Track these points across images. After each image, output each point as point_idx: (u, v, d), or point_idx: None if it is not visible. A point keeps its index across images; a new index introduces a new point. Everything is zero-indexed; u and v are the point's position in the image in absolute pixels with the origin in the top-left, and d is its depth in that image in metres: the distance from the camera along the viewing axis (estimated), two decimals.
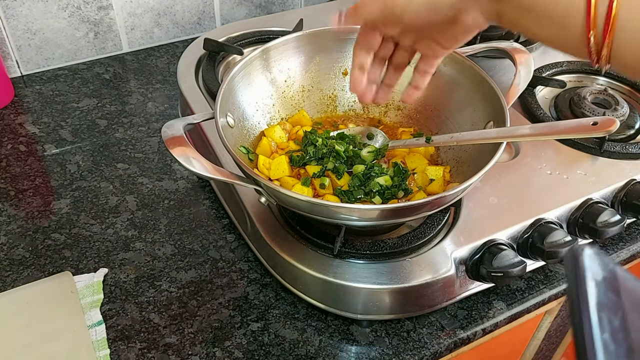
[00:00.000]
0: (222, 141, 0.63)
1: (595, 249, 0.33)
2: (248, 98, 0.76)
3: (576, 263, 0.32)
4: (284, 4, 1.21)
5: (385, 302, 0.67)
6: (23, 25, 1.00)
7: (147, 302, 0.71)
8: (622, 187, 0.79)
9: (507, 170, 0.80)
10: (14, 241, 0.77)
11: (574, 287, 0.32)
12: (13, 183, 0.85)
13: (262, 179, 0.60)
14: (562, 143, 0.85)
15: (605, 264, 0.32)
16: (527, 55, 0.77)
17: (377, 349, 0.68)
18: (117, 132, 0.94)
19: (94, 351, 0.65)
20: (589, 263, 0.32)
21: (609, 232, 0.73)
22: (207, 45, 0.95)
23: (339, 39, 0.81)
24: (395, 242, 0.69)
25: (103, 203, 0.83)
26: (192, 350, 0.66)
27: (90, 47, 1.08)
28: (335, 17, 0.63)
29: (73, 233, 0.78)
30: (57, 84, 1.03)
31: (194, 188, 0.85)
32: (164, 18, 1.11)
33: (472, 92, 0.75)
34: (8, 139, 0.92)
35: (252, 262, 0.76)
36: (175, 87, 1.02)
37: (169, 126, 0.64)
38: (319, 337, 0.68)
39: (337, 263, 0.67)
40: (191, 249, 0.77)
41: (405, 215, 0.64)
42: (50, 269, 0.74)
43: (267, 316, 0.70)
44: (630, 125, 0.89)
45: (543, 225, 0.72)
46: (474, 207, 0.74)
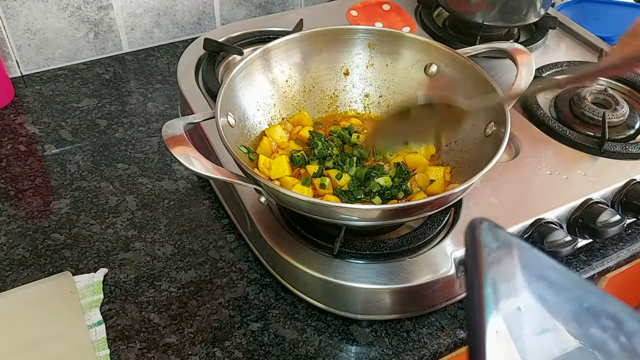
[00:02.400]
0: (222, 141, 0.63)
1: (492, 223, 0.36)
2: (249, 98, 0.76)
3: (473, 234, 0.36)
4: (284, 4, 1.21)
5: (385, 302, 0.67)
6: (23, 25, 1.00)
7: (147, 302, 0.71)
8: (622, 187, 0.79)
9: (507, 170, 0.80)
10: (14, 241, 0.77)
11: (470, 254, 0.35)
12: (13, 183, 0.85)
13: (262, 179, 0.60)
14: (562, 143, 0.85)
15: (499, 234, 0.36)
16: (529, 56, 0.77)
17: (377, 349, 0.68)
18: (117, 132, 0.94)
19: (94, 351, 0.65)
20: (485, 234, 0.36)
21: (609, 232, 0.73)
22: (207, 46, 0.95)
23: (339, 39, 0.81)
24: (395, 242, 0.69)
25: (103, 203, 0.83)
26: (192, 350, 0.66)
27: (90, 47, 1.08)
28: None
29: (73, 233, 0.78)
30: (57, 84, 1.03)
31: (194, 188, 0.85)
32: (164, 18, 1.11)
33: (473, 92, 0.75)
34: (8, 139, 0.92)
35: (252, 262, 0.76)
36: (175, 87, 1.02)
37: (169, 125, 0.64)
38: (319, 337, 0.68)
39: (337, 263, 0.67)
40: (191, 249, 0.77)
41: (405, 216, 0.64)
42: (50, 269, 0.74)
43: (267, 316, 0.70)
44: (630, 125, 0.89)
45: (543, 225, 0.72)
46: (474, 208, 0.74)
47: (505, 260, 0.36)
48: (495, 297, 0.34)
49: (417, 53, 0.80)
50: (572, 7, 1.23)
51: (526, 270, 0.37)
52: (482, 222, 0.36)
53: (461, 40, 1.03)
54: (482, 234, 0.36)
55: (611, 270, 0.80)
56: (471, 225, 0.36)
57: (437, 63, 0.79)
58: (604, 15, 1.20)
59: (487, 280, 0.34)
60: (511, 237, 0.37)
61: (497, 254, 0.35)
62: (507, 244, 0.36)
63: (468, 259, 0.36)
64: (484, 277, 0.34)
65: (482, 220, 0.36)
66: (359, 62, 0.83)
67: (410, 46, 0.80)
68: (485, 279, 0.34)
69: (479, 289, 0.33)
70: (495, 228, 0.36)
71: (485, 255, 0.35)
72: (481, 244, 0.35)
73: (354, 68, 0.83)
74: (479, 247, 0.35)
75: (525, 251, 0.38)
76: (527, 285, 0.37)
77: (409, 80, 0.82)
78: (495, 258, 0.35)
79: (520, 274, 0.36)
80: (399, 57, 0.81)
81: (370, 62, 0.82)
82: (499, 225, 0.37)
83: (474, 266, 0.35)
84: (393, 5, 1.13)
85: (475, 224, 0.36)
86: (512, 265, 0.36)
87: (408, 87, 0.82)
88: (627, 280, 0.93)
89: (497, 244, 0.36)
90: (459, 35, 1.06)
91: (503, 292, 0.35)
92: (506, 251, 0.36)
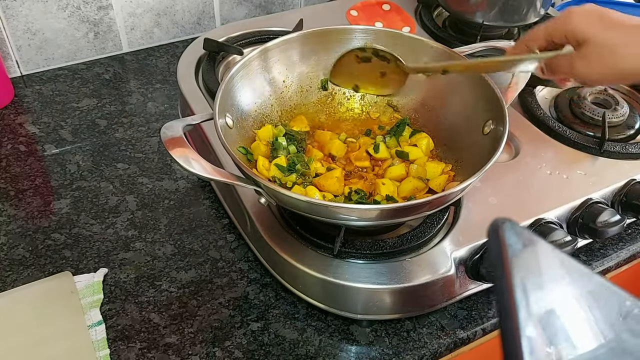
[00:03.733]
0: (221, 142, 0.63)
1: (514, 222, 0.35)
2: (247, 98, 0.76)
3: (496, 235, 0.34)
4: (284, 4, 1.21)
5: (385, 302, 0.67)
6: (23, 25, 1.00)
7: (147, 302, 0.71)
8: (622, 187, 0.79)
9: (507, 170, 0.80)
10: (14, 241, 0.77)
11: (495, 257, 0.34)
12: (13, 183, 0.85)
13: (262, 180, 0.60)
14: (562, 143, 0.85)
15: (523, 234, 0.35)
16: None
17: (377, 349, 0.68)
18: (117, 132, 0.94)
19: (94, 351, 0.65)
20: (509, 234, 0.34)
21: (609, 232, 0.73)
22: (207, 45, 0.95)
23: (338, 39, 0.81)
24: (395, 242, 0.69)
25: (103, 203, 0.83)
26: (192, 350, 0.66)
27: (90, 47, 1.08)
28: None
29: (73, 233, 0.78)
30: (57, 84, 1.03)
31: (194, 188, 0.85)
32: (164, 18, 1.11)
33: (470, 91, 0.75)
34: (8, 139, 0.92)
35: (252, 262, 0.76)
36: (175, 87, 1.02)
37: (168, 127, 0.64)
38: (319, 337, 0.68)
39: (337, 263, 0.67)
40: (191, 249, 0.77)
41: (404, 215, 0.64)
42: (50, 269, 0.74)
43: (267, 316, 0.70)
44: (630, 125, 0.89)
45: (543, 225, 0.72)
46: (474, 207, 0.74)
47: (531, 260, 0.35)
48: (527, 300, 0.33)
49: (414, 53, 0.80)
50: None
51: (551, 270, 0.36)
52: (504, 222, 0.35)
53: (461, 40, 1.03)
54: (506, 234, 0.34)
55: (611, 270, 0.80)
56: (494, 226, 0.35)
57: None
58: None
59: (516, 283, 0.33)
60: (534, 237, 0.36)
61: (523, 255, 0.34)
62: (531, 244, 0.35)
63: (494, 263, 0.34)
64: (514, 281, 0.33)
65: (504, 220, 0.35)
66: None
67: (407, 46, 0.80)
68: (515, 283, 0.33)
69: (509, 294, 0.32)
70: (517, 227, 0.35)
71: (511, 256, 0.33)
72: (506, 245, 0.34)
73: None
74: (504, 249, 0.34)
75: (548, 251, 0.37)
76: (555, 286, 0.36)
77: (407, 80, 0.81)
78: (521, 259, 0.34)
79: (547, 275, 0.35)
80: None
81: None
82: (520, 225, 0.36)
83: (501, 270, 0.33)
84: (393, 5, 1.13)
85: (497, 224, 0.35)
86: (539, 266, 0.35)
87: (406, 86, 0.81)
88: (627, 280, 0.93)
89: (522, 244, 0.34)
90: (459, 35, 1.06)
91: (533, 294, 0.33)
92: (531, 251, 0.35)
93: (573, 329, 0.36)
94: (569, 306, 0.36)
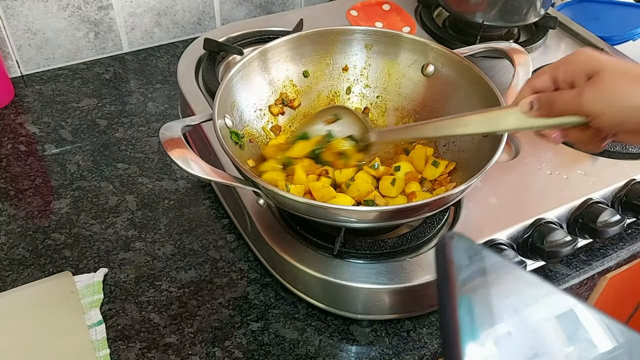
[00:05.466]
0: (220, 143, 0.63)
1: (463, 237, 0.33)
2: (246, 99, 0.76)
3: (443, 252, 0.33)
4: (284, 4, 1.21)
5: (385, 302, 0.67)
6: (23, 25, 1.00)
7: (147, 302, 0.71)
8: (622, 187, 0.79)
9: (507, 170, 0.80)
10: (14, 241, 0.77)
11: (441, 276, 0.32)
12: (13, 183, 0.85)
13: (261, 181, 0.60)
14: (563, 143, 0.85)
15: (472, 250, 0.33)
16: (526, 56, 0.77)
17: (377, 349, 0.68)
18: (117, 132, 0.94)
19: (94, 351, 0.65)
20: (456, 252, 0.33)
21: (609, 232, 0.73)
22: (207, 45, 0.95)
23: (338, 40, 0.81)
24: (395, 242, 0.69)
25: (103, 203, 0.83)
26: (192, 350, 0.67)
27: (91, 47, 1.08)
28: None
29: (73, 233, 0.78)
30: (57, 84, 1.03)
31: (194, 188, 0.85)
32: (164, 18, 1.11)
33: (470, 92, 0.75)
34: (8, 139, 0.92)
35: (252, 262, 0.76)
36: (175, 87, 1.02)
37: (167, 128, 0.64)
38: (319, 337, 0.68)
39: (337, 263, 0.67)
40: (191, 248, 0.77)
41: (404, 217, 0.64)
42: (50, 268, 0.74)
43: (267, 316, 0.70)
44: None
45: (543, 225, 0.72)
46: (474, 207, 0.74)
47: (479, 279, 0.33)
48: (472, 321, 0.31)
49: (414, 53, 0.80)
50: (572, 7, 1.23)
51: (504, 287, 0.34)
52: (452, 237, 0.33)
53: (461, 40, 1.03)
54: (454, 251, 0.33)
55: (611, 270, 0.80)
56: (440, 243, 0.33)
57: (433, 63, 0.79)
58: (604, 15, 1.20)
59: (461, 303, 0.31)
60: (484, 251, 0.34)
61: (470, 273, 0.33)
62: (479, 260, 0.34)
63: (439, 281, 0.33)
64: (458, 301, 0.31)
65: (452, 236, 0.33)
66: (356, 62, 0.83)
67: (406, 46, 0.80)
68: (460, 303, 0.31)
69: (452, 314, 0.30)
70: (467, 243, 0.33)
71: (457, 275, 0.32)
72: (453, 262, 0.32)
73: (351, 68, 0.83)
74: (450, 267, 0.32)
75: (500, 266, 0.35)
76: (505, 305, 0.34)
77: (406, 81, 0.82)
78: (468, 278, 0.32)
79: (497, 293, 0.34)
80: (396, 57, 0.81)
81: (367, 62, 0.82)
82: (470, 239, 0.34)
83: (445, 289, 0.32)
84: (393, 5, 1.13)
85: (445, 241, 0.33)
86: (488, 285, 0.33)
87: (405, 87, 0.82)
88: (627, 280, 0.93)
89: (469, 261, 0.33)
90: (458, 36, 1.06)
91: (480, 315, 0.32)
92: (479, 269, 0.33)
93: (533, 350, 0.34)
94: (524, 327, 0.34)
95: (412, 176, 0.73)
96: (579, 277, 0.77)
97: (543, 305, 0.35)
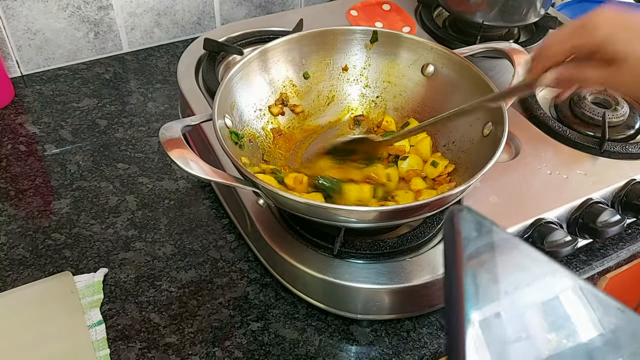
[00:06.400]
0: (220, 143, 0.63)
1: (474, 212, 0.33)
2: (246, 99, 0.76)
3: (451, 223, 0.33)
4: (284, 4, 1.21)
5: (385, 302, 0.67)
6: (23, 25, 1.00)
7: (147, 302, 0.71)
8: (622, 187, 0.79)
9: (507, 170, 0.80)
10: (14, 241, 0.77)
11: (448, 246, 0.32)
12: (13, 183, 0.85)
13: (260, 182, 0.60)
14: (562, 143, 0.85)
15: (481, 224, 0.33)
16: (526, 56, 0.77)
17: (377, 349, 0.68)
18: (117, 132, 0.94)
19: (94, 351, 0.65)
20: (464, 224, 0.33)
21: (609, 232, 0.73)
22: (207, 45, 0.95)
23: (336, 40, 0.81)
24: (395, 242, 0.69)
25: (103, 203, 0.83)
26: (192, 350, 0.67)
27: (91, 47, 1.08)
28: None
29: (73, 233, 0.78)
30: (57, 84, 1.03)
31: (194, 188, 0.85)
32: (164, 18, 1.11)
33: (470, 92, 0.75)
34: (8, 139, 0.92)
35: (252, 262, 0.76)
36: (175, 87, 1.02)
37: (166, 128, 0.64)
38: (319, 337, 0.68)
39: (337, 263, 0.67)
40: (191, 248, 0.77)
41: (404, 217, 0.64)
42: (50, 269, 0.74)
43: (267, 316, 0.70)
44: (630, 125, 0.89)
45: (543, 225, 0.72)
46: (474, 207, 0.73)
47: (487, 253, 0.33)
48: (477, 294, 0.31)
49: (414, 53, 0.80)
50: (572, 7, 1.23)
51: (509, 264, 0.34)
52: (461, 210, 0.33)
53: (461, 40, 1.03)
54: (462, 223, 0.33)
55: (611, 270, 0.80)
56: (450, 214, 0.33)
57: (433, 63, 0.79)
58: None
59: (467, 274, 0.31)
60: (494, 227, 0.34)
61: (478, 246, 0.32)
62: (488, 235, 0.33)
63: (446, 251, 0.32)
64: (464, 272, 0.31)
65: (462, 209, 0.33)
66: (356, 62, 0.83)
67: (406, 46, 0.80)
68: (465, 274, 0.31)
69: (457, 285, 0.30)
70: (477, 217, 0.33)
71: (465, 246, 0.32)
72: (461, 234, 0.32)
73: (351, 68, 0.83)
74: (458, 238, 0.32)
75: (508, 243, 0.35)
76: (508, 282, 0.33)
77: (406, 81, 0.82)
78: (476, 250, 0.32)
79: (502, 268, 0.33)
80: (395, 57, 0.81)
81: (367, 62, 0.82)
82: (481, 214, 0.33)
83: (452, 259, 0.31)
84: (393, 5, 1.13)
85: (454, 212, 0.33)
86: (494, 259, 0.33)
87: (405, 87, 0.82)
88: (627, 280, 0.93)
89: (478, 234, 0.33)
90: (459, 35, 1.06)
91: (484, 288, 0.31)
92: (487, 242, 0.33)
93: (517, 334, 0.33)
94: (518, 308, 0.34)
95: (414, 173, 0.74)
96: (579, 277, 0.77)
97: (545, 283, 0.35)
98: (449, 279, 0.31)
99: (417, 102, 0.81)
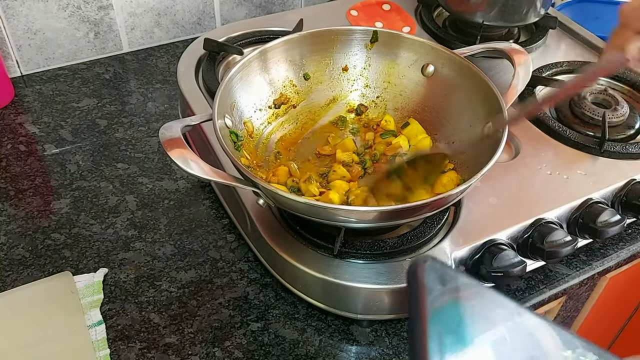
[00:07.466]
0: (220, 144, 0.63)
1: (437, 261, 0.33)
2: (246, 99, 0.76)
3: (415, 276, 0.32)
4: (284, 4, 1.21)
5: (385, 302, 0.67)
6: (23, 25, 1.00)
7: (147, 302, 0.71)
8: (622, 187, 0.79)
9: (507, 170, 0.80)
10: (14, 241, 0.77)
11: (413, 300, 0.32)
12: (13, 183, 0.85)
13: (260, 181, 0.60)
14: (562, 143, 0.85)
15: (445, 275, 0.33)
16: (526, 56, 0.77)
17: (377, 349, 0.68)
18: (117, 132, 0.94)
19: (94, 351, 0.65)
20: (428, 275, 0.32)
21: (609, 232, 0.73)
22: (207, 45, 0.95)
23: (338, 40, 0.81)
24: (395, 242, 0.69)
25: (103, 203, 0.83)
26: (192, 350, 0.67)
27: (91, 47, 1.08)
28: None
29: (73, 233, 0.78)
30: (57, 84, 1.03)
31: (194, 188, 0.85)
32: (164, 18, 1.11)
33: (470, 93, 0.75)
34: (8, 139, 0.92)
35: (252, 262, 0.76)
36: (175, 87, 1.02)
37: (166, 128, 0.64)
38: (319, 337, 0.68)
39: (337, 263, 0.67)
40: (191, 249, 0.77)
41: (404, 217, 0.64)
42: (50, 269, 0.74)
43: (267, 316, 0.70)
44: (630, 125, 0.89)
45: (543, 225, 0.72)
46: (474, 207, 0.74)
47: (451, 305, 0.33)
48: (440, 346, 0.30)
49: (414, 53, 0.80)
50: (572, 7, 1.23)
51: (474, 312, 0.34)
52: (425, 260, 0.33)
53: (461, 40, 1.03)
54: (426, 275, 0.32)
55: (611, 270, 0.80)
56: (413, 266, 0.33)
57: (433, 63, 0.79)
58: (604, 15, 1.20)
59: (431, 327, 0.31)
60: (458, 276, 0.34)
61: (442, 299, 0.32)
62: (453, 282, 0.33)
63: (410, 306, 0.32)
64: (428, 325, 0.31)
65: (425, 259, 0.33)
66: (356, 62, 0.83)
67: (406, 46, 0.80)
68: (430, 326, 0.31)
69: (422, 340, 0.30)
70: (440, 267, 0.33)
71: (430, 300, 0.31)
72: (425, 287, 0.32)
73: (351, 69, 0.83)
74: (422, 291, 0.32)
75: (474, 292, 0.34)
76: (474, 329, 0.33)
77: (407, 81, 0.82)
78: (440, 304, 0.32)
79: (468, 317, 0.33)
80: (395, 57, 0.81)
81: (367, 62, 0.82)
82: (444, 263, 0.34)
83: (417, 313, 0.31)
84: (393, 5, 1.13)
85: (417, 264, 0.32)
86: (459, 311, 0.33)
87: (405, 87, 0.82)
88: (627, 280, 0.93)
89: (442, 286, 0.32)
90: (459, 35, 1.06)
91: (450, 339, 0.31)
92: (453, 294, 0.33)
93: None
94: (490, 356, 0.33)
95: None
96: (579, 277, 0.77)
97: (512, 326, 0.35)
98: (412, 333, 0.31)
99: (417, 102, 0.81)
